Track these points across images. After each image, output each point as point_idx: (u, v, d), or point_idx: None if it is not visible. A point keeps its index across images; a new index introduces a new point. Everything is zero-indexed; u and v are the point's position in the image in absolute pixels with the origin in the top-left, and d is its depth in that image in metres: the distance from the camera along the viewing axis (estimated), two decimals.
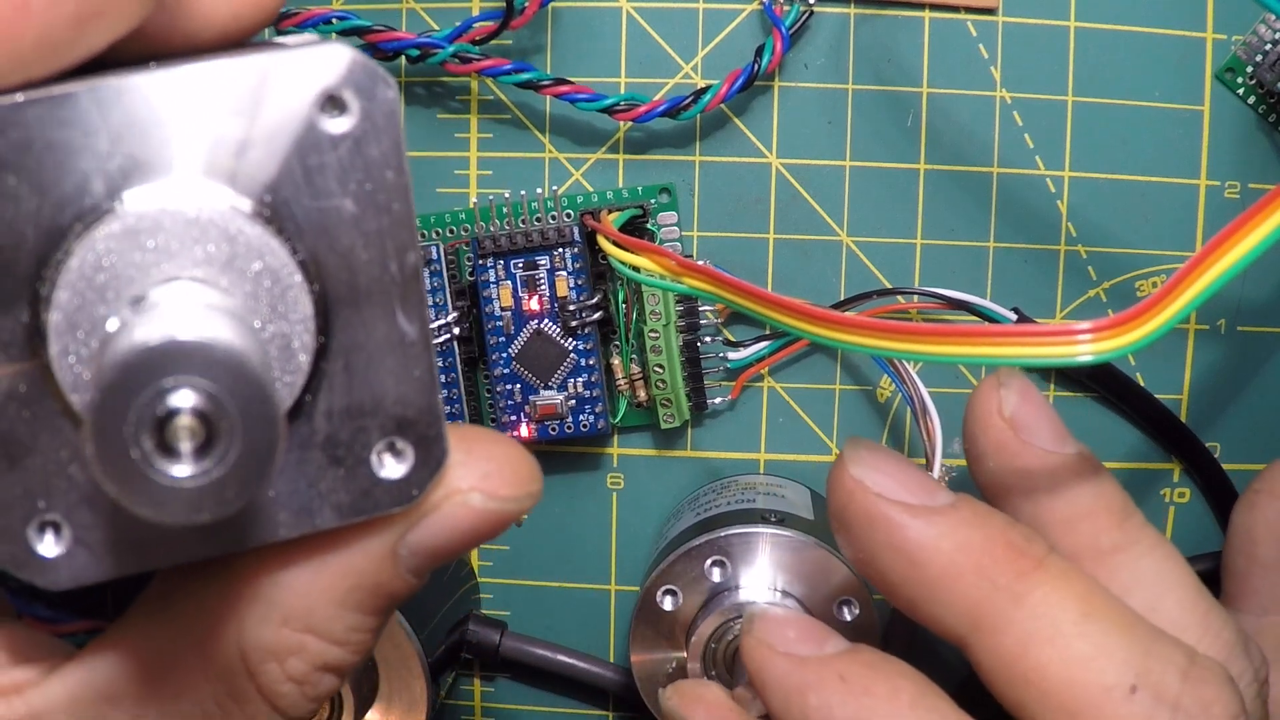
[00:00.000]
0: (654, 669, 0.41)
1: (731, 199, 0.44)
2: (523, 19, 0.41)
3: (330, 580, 0.23)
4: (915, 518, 0.27)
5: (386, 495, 0.22)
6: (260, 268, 0.20)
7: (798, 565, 0.40)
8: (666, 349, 0.43)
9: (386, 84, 0.21)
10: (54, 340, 0.20)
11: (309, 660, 0.24)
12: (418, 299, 0.21)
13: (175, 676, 0.24)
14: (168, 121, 0.20)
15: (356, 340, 0.21)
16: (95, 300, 0.20)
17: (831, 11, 0.43)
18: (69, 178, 0.20)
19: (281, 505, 0.22)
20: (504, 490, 0.23)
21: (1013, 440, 0.29)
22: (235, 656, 0.23)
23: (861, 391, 0.46)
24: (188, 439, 0.18)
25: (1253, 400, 0.45)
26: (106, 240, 0.20)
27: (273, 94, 0.20)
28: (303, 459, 0.22)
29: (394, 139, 0.21)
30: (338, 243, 0.21)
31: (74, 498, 0.21)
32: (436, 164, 0.45)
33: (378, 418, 0.22)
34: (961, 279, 0.44)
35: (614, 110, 0.42)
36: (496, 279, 0.43)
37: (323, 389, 0.21)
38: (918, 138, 0.44)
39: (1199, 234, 0.44)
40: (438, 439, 0.22)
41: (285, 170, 0.20)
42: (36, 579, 0.21)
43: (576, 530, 0.47)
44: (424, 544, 0.23)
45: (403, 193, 0.21)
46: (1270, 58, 0.42)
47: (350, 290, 0.21)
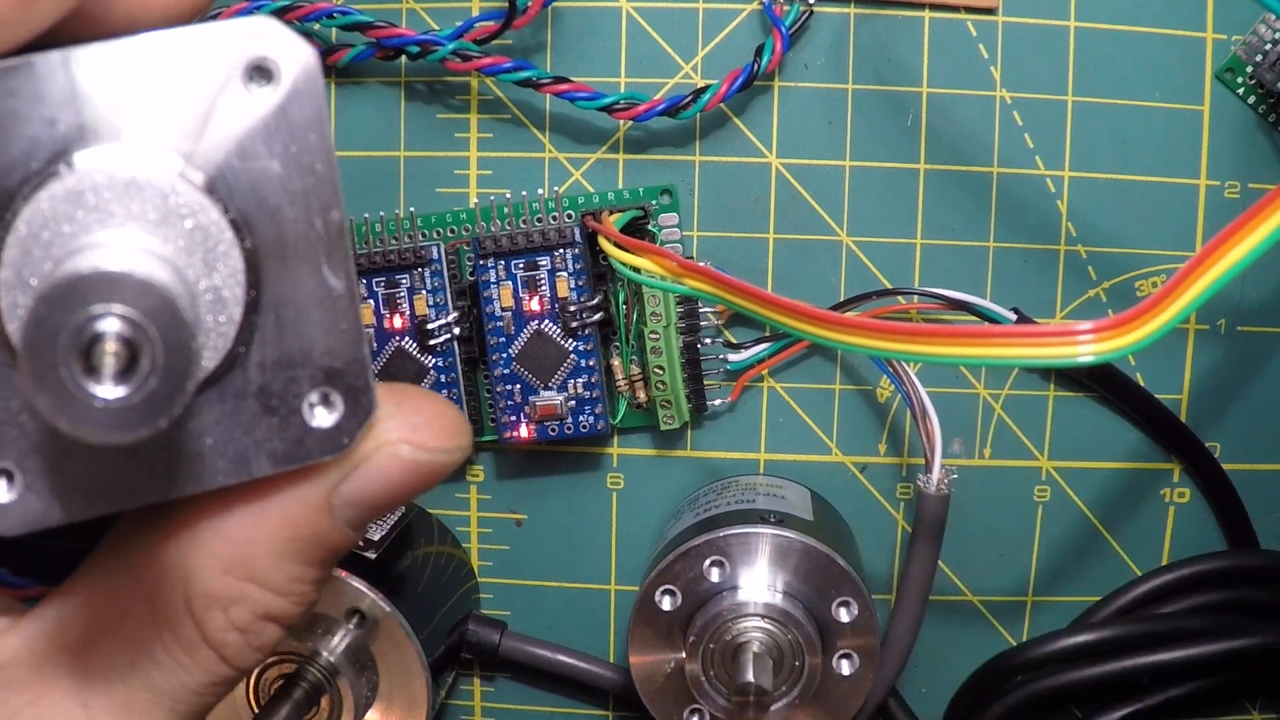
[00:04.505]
0: (653, 669, 0.41)
1: (731, 199, 0.44)
2: (525, 19, 0.41)
3: (270, 530, 0.24)
4: None
5: (318, 443, 0.23)
6: (193, 225, 0.21)
7: (797, 566, 0.40)
8: (667, 350, 0.43)
9: (308, 52, 0.22)
10: (3, 294, 0.21)
11: (251, 609, 0.25)
12: (342, 255, 0.23)
13: (126, 626, 0.25)
14: (106, 90, 0.22)
15: (286, 294, 0.23)
16: (41, 257, 0.21)
17: (831, 11, 0.43)
18: (15, 144, 0.21)
19: (219, 453, 0.23)
20: (432, 442, 0.24)
21: None
22: (181, 605, 0.24)
23: (861, 392, 0.46)
24: (112, 362, 0.19)
25: (1253, 400, 0.45)
26: (50, 200, 0.21)
27: (203, 63, 0.22)
28: (238, 408, 0.23)
29: (316, 104, 0.22)
30: (266, 202, 0.22)
31: (24, 446, 0.22)
32: (437, 164, 0.45)
33: (308, 368, 0.23)
34: (961, 279, 0.44)
35: (613, 109, 0.42)
36: (497, 279, 0.43)
37: (255, 341, 0.23)
38: (918, 138, 0.44)
39: (1199, 234, 0.44)
40: (365, 389, 0.23)
41: (215, 134, 0.22)
42: None
43: (576, 530, 0.47)
44: (356, 494, 0.24)
45: (326, 154, 0.22)
46: (1270, 58, 0.42)
47: (279, 247, 0.22)
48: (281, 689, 0.38)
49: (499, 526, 0.47)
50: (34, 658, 0.25)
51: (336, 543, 0.25)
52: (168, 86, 0.22)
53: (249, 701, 0.39)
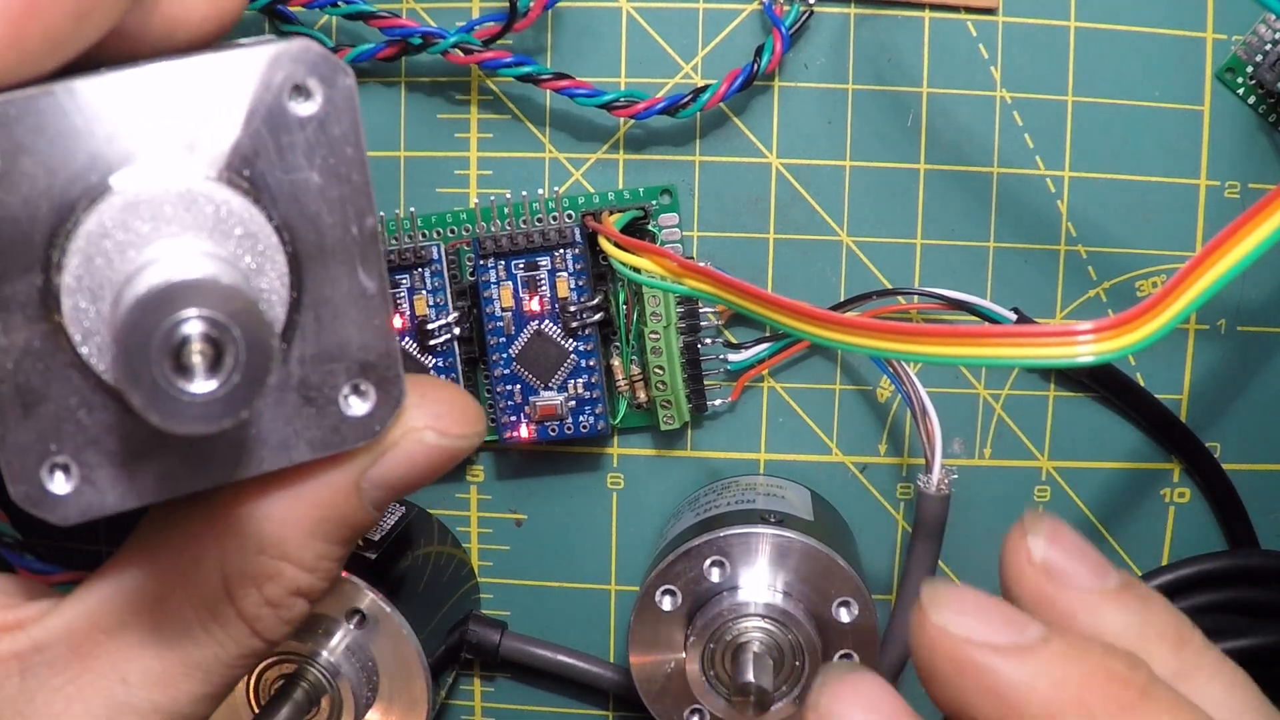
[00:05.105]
0: (653, 669, 0.41)
1: (731, 199, 0.44)
2: (527, 21, 0.41)
3: (303, 512, 0.26)
4: (1006, 659, 0.25)
5: (353, 431, 0.25)
6: (242, 232, 0.23)
7: (797, 566, 0.40)
8: (667, 350, 0.43)
9: (345, 74, 0.24)
10: (66, 299, 0.22)
11: (284, 585, 0.27)
12: (376, 257, 0.25)
13: (164, 605, 0.27)
14: (162, 109, 0.23)
15: (324, 294, 0.24)
16: (102, 264, 0.22)
17: (831, 11, 0.43)
18: (76, 159, 0.23)
19: (263, 442, 0.25)
20: (454, 429, 0.27)
21: (1048, 587, 0.28)
22: (218, 583, 0.26)
23: (861, 392, 0.46)
24: (200, 360, 0.21)
25: (1253, 400, 0.45)
26: (112, 211, 0.22)
27: (250, 84, 0.23)
28: (280, 400, 0.25)
29: (352, 120, 0.24)
30: (306, 209, 0.24)
31: (81, 441, 0.24)
32: (437, 164, 0.45)
33: (344, 362, 0.25)
34: (961, 279, 0.44)
35: (613, 106, 0.42)
36: (497, 279, 0.43)
37: (296, 338, 0.24)
38: (918, 138, 0.44)
39: (1199, 234, 0.44)
40: (396, 380, 0.25)
41: (261, 148, 0.24)
42: (49, 515, 0.24)
43: (576, 530, 0.47)
44: (384, 477, 0.26)
45: (360, 165, 0.24)
46: (1270, 58, 0.42)
47: (318, 250, 0.24)
48: (281, 689, 0.38)
49: (499, 526, 0.47)
50: (73, 638, 0.27)
51: (361, 522, 0.27)
52: (219, 105, 0.23)
53: (249, 701, 0.39)
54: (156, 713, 0.27)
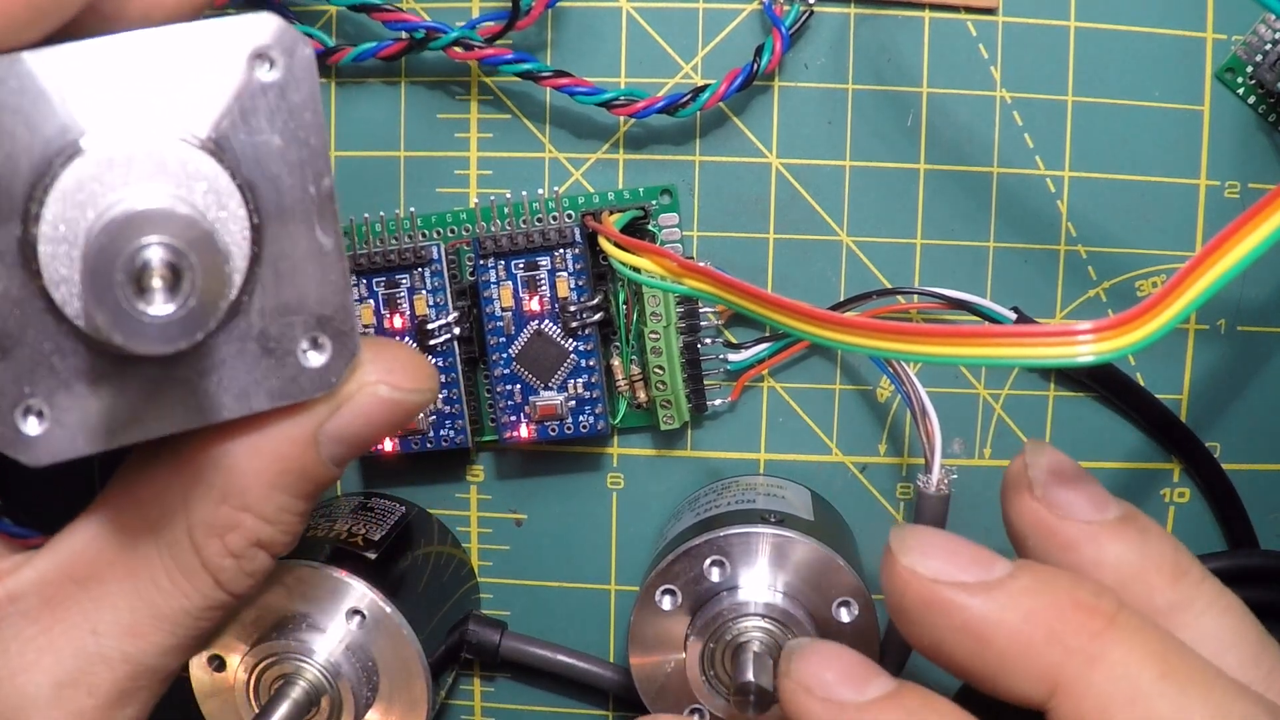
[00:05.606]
0: (653, 669, 0.41)
1: (731, 199, 0.44)
2: (529, 19, 0.41)
3: (262, 464, 0.27)
4: (975, 595, 0.26)
5: (310, 381, 0.27)
6: (207, 188, 0.25)
7: (797, 566, 0.40)
8: (667, 350, 0.43)
9: (305, 44, 0.25)
10: (43, 245, 0.24)
11: (245, 536, 0.28)
12: (332, 216, 0.26)
13: (132, 556, 0.28)
14: (136, 74, 0.25)
15: (283, 250, 0.26)
16: (76, 215, 0.24)
17: (831, 11, 0.43)
18: (55, 119, 0.24)
19: (225, 389, 0.26)
20: (406, 383, 0.28)
21: (1049, 518, 0.28)
22: (183, 534, 0.28)
23: (861, 392, 0.46)
24: (160, 284, 0.22)
25: (1253, 400, 0.45)
26: (87, 168, 0.24)
27: (216, 52, 0.25)
28: (242, 350, 0.26)
29: (311, 87, 0.26)
30: (268, 170, 0.26)
31: (54, 384, 0.25)
32: (437, 164, 0.45)
33: (302, 315, 0.26)
34: (961, 279, 0.44)
35: (613, 105, 0.42)
36: (497, 279, 0.43)
37: (256, 291, 0.26)
38: (918, 138, 0.44)
39: (1199, 234, 0.44)
40: (351, 333, 0.27)
41: (226, 112, 0.25)
42: (22, 456, 0.25)
43: (576, 530, 0.47)
44: (341, 430, 0.28)
45: (318, 130, 0.26)
46: (1270, 58, 0.42)
47: (278, 209, 0.26)
48: (281, 689, 0.38)
49: (499, 526, 0.47)
50: (46, 589, 0.28)
51: (320, 476, 0.28)
52: (187, 72, 0.25)
53: (249, 701, 0.39)
54: (126, 663, 0.28)
